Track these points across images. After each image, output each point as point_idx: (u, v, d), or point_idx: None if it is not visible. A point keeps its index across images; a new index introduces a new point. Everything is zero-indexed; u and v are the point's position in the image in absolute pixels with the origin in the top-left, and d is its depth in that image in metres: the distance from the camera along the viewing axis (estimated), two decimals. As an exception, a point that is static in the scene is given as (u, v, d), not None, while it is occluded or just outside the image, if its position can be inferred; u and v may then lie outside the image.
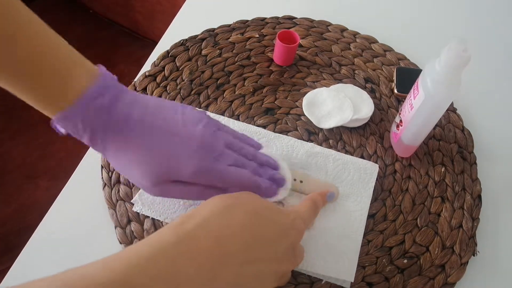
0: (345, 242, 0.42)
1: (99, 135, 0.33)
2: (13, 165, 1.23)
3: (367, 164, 0.47)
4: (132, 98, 0.34)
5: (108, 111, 0.32)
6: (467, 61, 0.37)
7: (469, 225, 0.45)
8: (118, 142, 0.33)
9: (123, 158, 0.34)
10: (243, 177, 0.36)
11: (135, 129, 0.33)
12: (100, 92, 0.32)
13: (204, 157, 0.34)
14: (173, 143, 0.34)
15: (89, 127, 0.32)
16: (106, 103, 0.32)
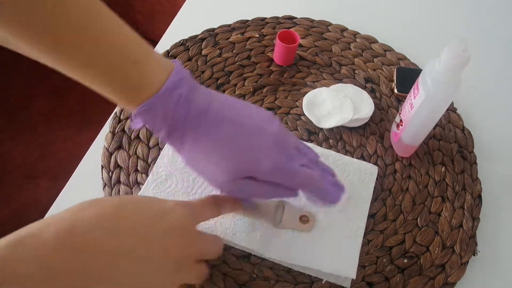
0: (345, 242, 0.42)
1: (178, 127, 0.32)
2: (13, 165, 1.23)
3: (367, 165, 0.47)
4: (207, 92, 0.34)
5: (188, 102, 0.32)
6: (467, 61, 0.37)
7: (469, 225, 0.45)
8: (196, 135, 0.33)
9: (200, 152, 0.33)
10: (313, 178, 0.36)
11: (214, 123, 0.33)
12: (178, 84, 0.32)
13: (280, 155, 0.34)
14: (252, 139, 0.33)
15: (170, 119, 0.32)
16: (185, 94, 0.32)
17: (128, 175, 0.46)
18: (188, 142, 0.33)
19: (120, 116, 0.51)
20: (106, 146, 0.48)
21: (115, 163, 0.47)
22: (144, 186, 0.44)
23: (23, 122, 1.32)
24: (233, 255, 0.42)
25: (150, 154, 0.48)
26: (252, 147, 0.33)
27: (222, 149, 0.33)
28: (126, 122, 0.50)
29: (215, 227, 0.41)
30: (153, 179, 0.44)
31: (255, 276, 0.41)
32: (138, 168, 0.47)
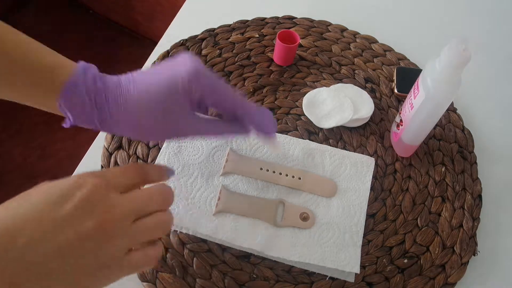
0: (346, 236, 0.42)
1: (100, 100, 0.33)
2: (13, 165, 1.23)
3: (363, 158, 0.48)
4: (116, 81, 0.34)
5: (103, 78, 0.33)
6: (467, 60, 0.37)
7: (470, 225, 0.45)
8: (121, 103, 0.33)
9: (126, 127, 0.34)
10: (237, 91, 0.36)
11: (129, 89, 0.33)
12: (87, 67, 0.33)
13: (199, 64, 0.33)
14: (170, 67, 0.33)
15: (93, 95, 0.32)
16: (96, 73, 0.33)
17: (128, 175, 0.46)
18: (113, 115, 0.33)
19: (120, 116, 0.51)
20: (106, 146, 0.48)
21: (115, 163, 0.47)
22: None
23: (23, 122, 1.32)
24: (233, 255, 0.42)
25: (150, 154, 0.48)
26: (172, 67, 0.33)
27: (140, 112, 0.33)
28: (126, 122, 0.50)
29: (215, 229, 0.41)
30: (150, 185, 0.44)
31: (255, 276, 0.41)
32: (138, 168, 0.47)
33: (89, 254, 0.26)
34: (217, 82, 0.34)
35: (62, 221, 0.26)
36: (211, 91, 0.34)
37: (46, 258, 0.25)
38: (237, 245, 0.41)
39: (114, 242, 0.27)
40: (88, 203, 0.27)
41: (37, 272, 0.24)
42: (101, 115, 0.33)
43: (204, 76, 0.33)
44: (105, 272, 0.27)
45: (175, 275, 0.40)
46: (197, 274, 0.41)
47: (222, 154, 0.47)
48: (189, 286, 0.40)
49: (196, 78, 0.33)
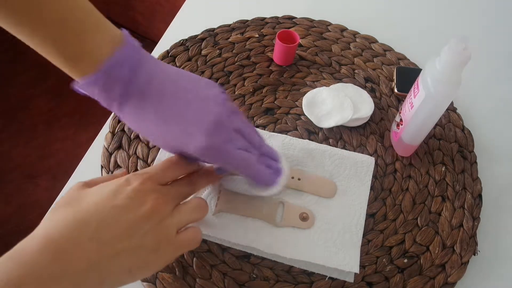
0: (346, 236, 0.42)
1: (115, 104, 0.33)
2: (13, 165, 1.23)
3: (363, 157, 0.48)
4: (154, 65, 0.34)
5: (128, 80, 0.32)
6: (467, 60, 0.37)
7: (470, 225, 0.45)
8: (136, 109, 0.33)
9: (140, 124, 0.34)
10: (248, 161, 0.36)
11: (155, 98, 0.33)
12: (120, 62, 0.32)
13: (216, 136, 0.34)
14: (189, 117, 0.34)
15: (107, 96, 0.32)
16: (125, 74, 0.32)
17: (128, 175, 0.46)
18: (128, 114, 0.34)
19: (120, 116, 0.51)
20: (106, 146, 0.48)
21: (115, 163, 0.47)
22: None
23: (23, 122, 1.32)
24: (233, 255, 0.42)
25: (149, 154, 0.48)
26: (188, 124, 0.34)
27: (157, 126, 0.34)
28: (126, 122, 0.50)
29: (215, 229, 0.41)
30: None
31: (255, 276, 0.41)
32: (138, 168, 0.47)
33: (148, 233, 0.31)
34: (231, 155, 0.35)
35: (122, 208, 0.30)
36: (222, 164, 0.37)
37: (114, 239, 0.29)
38: (237, 244, 0.41)
39: (166, 222, 0.32)
40: (140, 192, 0.32)
41: (108, 253, 0.29)
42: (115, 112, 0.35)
43: (217, 152, 0.34)
44: (163, 249, 0.32)
45: (175, 275, 0.40)
46: (197, 274, 0.41)
47: None
48: (189, 286, 0.40)
49: (207, 155, 0.34)
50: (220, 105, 0.35)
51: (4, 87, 1.38)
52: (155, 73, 0.34)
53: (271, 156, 0.40)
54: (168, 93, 0.34)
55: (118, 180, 0.33)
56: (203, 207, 0.36)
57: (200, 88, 0.35)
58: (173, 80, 0.34)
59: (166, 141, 0.35)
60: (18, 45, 1.39)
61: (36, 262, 0.26)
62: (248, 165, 0.37)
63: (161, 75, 0.34)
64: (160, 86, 0.33)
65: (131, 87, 0.32)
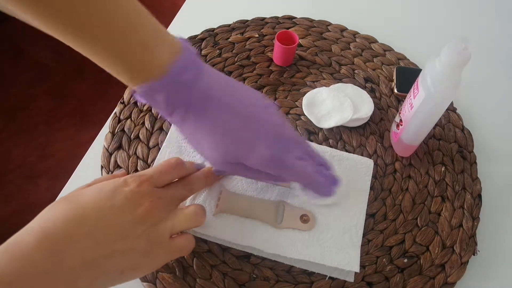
0: (346, 236, 0.42)
1: (179, 111, 0.33)
2: (13, 165, 1.23)
3: (362, 159, 0.48)
4: (212, 76, 0.34)
5: (191, 88, 0.32)
6: (467, 60, 0.37)
7: (469, 225, 0.45)
8: (197, 119, 0.33)
9: (199, 135, 0.34)
10: (308, 172, 0.36)
11: (216, 109, 0.33)
12: (184, 68, 0.32)
13: (277, 147, 0.34)
14: (250, 129, 0.34)
15: (171, 103, 0.32)
16: (190, 80, 0.32)
17: (128, 175, 0.46)
18: (188, 124, 0.34)
19: (120, 116, 0.51)
20: (106, 146, 0.48)
21: (115, 163, 0.47)
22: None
23: (23, 122, 1.32)
24: (233, 255, 0.42)
25: (150, 154, 0.48)
26: (250, 137, 0.34)
27: (220, 135, 0.34)
28: (126, 122, 0.50)
29: (216, 229, 0.41)
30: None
31: (255, 276, 0.41)
32: (138, 168, 0.47)
33: (141, 236, 0.31)
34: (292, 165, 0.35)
35: (119, 208, 0.30)
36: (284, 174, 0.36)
37: (110, 239, 0.29)
38: (237, 244, 0.41)
39: (160, 226, 0.32)
40: (137, 194, 0.32)
41: (103, 252, 0.29)
42: (172, 120, 0.35)
43: (280, 163, 0.35)
44: (155, 253, 0.32)
45: (175, 275, 0.40)
46: (197, 274, 0.41)
47: None
48: (189, 286, 0.40)
49: (269, 166, 0.35)
50: (277, 118, 0.35)
51: (4, 87, 1.38)
52: (215, 81, 0.34)
53: (325, 165, 0.40)
54: (228, 102, 0.34)
55: (117, 180, 0.33)
56: (200, 215, 0.36)
57: (258, 99, 0.36)
58: (232, 90, 0.35)
59: (225, 152, 0.34)
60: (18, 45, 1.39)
61: (31, 256, 0.26)
62: (308, 174, 0.36)
63: (221, 83, 0.34)
64: (221, 95, 0.33)
65: (195, 94, 0.32)
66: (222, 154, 0.35)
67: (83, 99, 1.36)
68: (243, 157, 0.34)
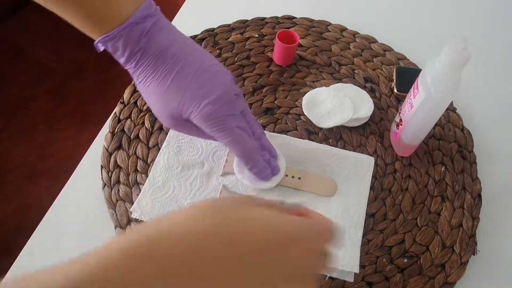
0: (346, 236, 0.42)
1: (136, 56, 0.35)
2: (13, 165, 1.23)
3: (363, 157, 0.48)
4: (172, 30, 0.36)
5: (149, 35, 0.34)
6: (467, 60, 0.37)
7: (469, 224, 0.45)
8: (150, 70, 0.35)
9: (149, 87, 0.36)
10: (247, 145, 0.37)
11: (169, 62, 0.35)
12: (143, 17, 0.34)
13: (221, 106, 0.35)
14: (199, 84, 0.35)
15: (129, 48, 0.34)
16: (148, 28, 0.34)
17: (128, 175, 0.46)
18: (141, 74, 0.35)
19: (120, 116, 0.51)
20: (106, 146, 0.48)
21: (115, 163, 0.47)
22: (141, 193, 0.44)
23: (23, 122, 1.32)
24: (233, 255, 0.42)
25: (149, 154, 0.48)
26: (196, 89, 0.35)
27: (168, 87, 0.35)
28: (126, 122, 0.50)
29: None
30: (150, 186, 0.44)
31: (255, 276, 0.41)
32: (137, 168, 0.47)
33: None
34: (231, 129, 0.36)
35: None
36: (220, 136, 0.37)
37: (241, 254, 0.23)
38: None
39: None
40: None
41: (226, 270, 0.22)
42: (128, 67, 0.36)
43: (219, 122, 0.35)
44: None
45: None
46: (197, 274, 0.41)
47: (221, 154, 0.47)
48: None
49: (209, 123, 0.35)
50: (230, 83, 0.36)
51: (4, 87, 1.38)
52: (171, 34, 0.36)
53: (270, 151, 0.41)
54: (184, 58, 0.35)
55: None
56: None
57: (214, 63, 0.37)
58: (185, 46, 0.36)
59: (170, 106, 0.35)
60: (18, 45, 1.38)
61: None
62: (244, 145, 0.37)
63: (176, 38, 0.36)
64: (173, 48, 0.35)
65: (150, 43, 0.34)
66: (168, 107, 0.36)
67: (83, 99, 1.36)
68: (187, 111, 0.35)
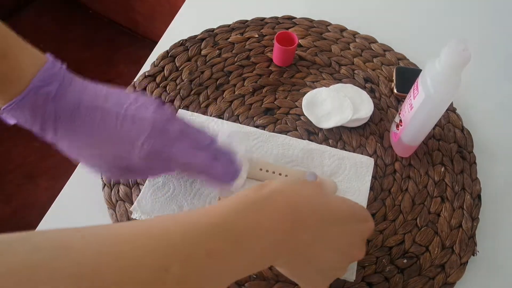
0: None
1: (49, 124, 0.32)
2: (13, 165, 1.23)
3: (362, 158, 0.48)
4: (82, 86, 0.34)
5: (57, 98, 0.32)
6: (467, 60, 0.37)
7: (469, 225, 0.45)
8: (70, 131, 0.33)
9: (76, 146, 0.34)
10: (198, 159, 0.35)
11: (86, 116, 0.33)
12: (48, 79, 0.31)
13: (155, 139, 0.33)
14: (125, 128, 0.33)
15: (39, 116, 0.32)
16: (54, 90, 0.32)
17: (128, 175, 0.46)
18: (62, 137, 0.33)
19: (120, 116, 0.51)
20: (106, 146, 0.48)
21: (115, 163, 0.47)
22: (141, 193, 0.44)
23: (23, 122, 1.32)
24: (233, 255, 0.42)
25: (149, 154, 0.48)
26: (125, 134, 0.33)
27: (96, 141, 0.33)
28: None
29: None
30: (150, 186, 0.44)
31: (255, 276, 0.41)
32: (137, 168, 0.47)
33: None
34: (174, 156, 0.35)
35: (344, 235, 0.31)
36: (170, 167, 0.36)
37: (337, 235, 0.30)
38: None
39: None
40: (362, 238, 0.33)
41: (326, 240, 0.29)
42: (47, 138, 0.34)
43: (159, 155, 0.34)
44: None
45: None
46: (196, 274, 0.41)
47: None
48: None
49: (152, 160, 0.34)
50: (153, 111, 0.34)
51: (4, 87, 1.38)
52: (85, 90, 0.33)
53: (225, 154, 0.39)
54: (98, 110, 0.33)
55: None
56: None
57: (131, 101, 0.35)
58: (103, 97, 0.34)
59: (107, 156, 0.34)
60: (18, 45, 1.34)
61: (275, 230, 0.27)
62: (198, 163, 0.35)
63: (91, 92, 0.34)
64: (91, 103, 0.33)
65: (62, 105, 0.32)
66: (104, 159, 0.34)
67: (83, 99, 1.36)
68: (125, 157, 0.34)
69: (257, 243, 0.25)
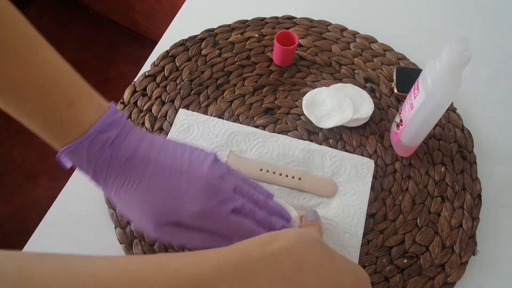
0: (346, 236, 0.42)
1: (103, 170, 0.32)
2: (13, 165, 1.23)
3: (363, 160, 0.48)
4: (139, 135, 0.34)
5: (114, 146, 0.32)
6: (468, 60, 0.37)
7: (469, 225, 0.45)
8: (121, 179, 0.32)
9: (125, 196, 0.33)
10: (245, 225, 0.34)
11: (139, 167, 0.32)
12: (108, 127, 0.32)
13: (208, 199, 0.32)
14: (177, 183, 0.32)
15: (94, 161, 0.32)
16: (113, 138, 0.32)
17: (128, 175, 0.46)
18: (113, 185, 0.33)
19: (120, 116, 0.51)
20: (106, 146, 0.48)
21: (115, 163, 0.47)
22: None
23: (23, 122, 1.32)
24: (233, 255, 0.42)
25: (150, 154, 0.48)
26: (176, 191, 0.32)
27: (144, 194, 0.32)
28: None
29: None
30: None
31: None
32: (138, 168, 0.47)
33: None
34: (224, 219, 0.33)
35: None
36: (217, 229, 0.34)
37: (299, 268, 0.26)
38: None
39: None
40: None
41: None
42: (99, 184, 0.33)
43: (210, 216, 0.32)
44: None
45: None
46: (197, 274, 0.41)
47: (222, 155, 0.47)
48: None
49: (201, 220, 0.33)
50: (208, 168, 0.34)
51: (4, 87, 1.38)
52: (142, 140, 0.33)
53: (281, 215, 0.38)
54: (153, 162, 0.33)
55: None
56: None
57: (188, 155, 0.34)
58: (159, 148, 0.34)
59: (154, 211, 0.32)
60: (18, 45, 1.34)
61: None
62: (246, 229, 0.34)
63: (147, 142, 0.33)
64: (146, 154, 0.33)
65: (117, 154, 0.32)
66: (152, 214, 0.32)
67: (83, 99, 1.36)
68: (174, 214, 0.32)
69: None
